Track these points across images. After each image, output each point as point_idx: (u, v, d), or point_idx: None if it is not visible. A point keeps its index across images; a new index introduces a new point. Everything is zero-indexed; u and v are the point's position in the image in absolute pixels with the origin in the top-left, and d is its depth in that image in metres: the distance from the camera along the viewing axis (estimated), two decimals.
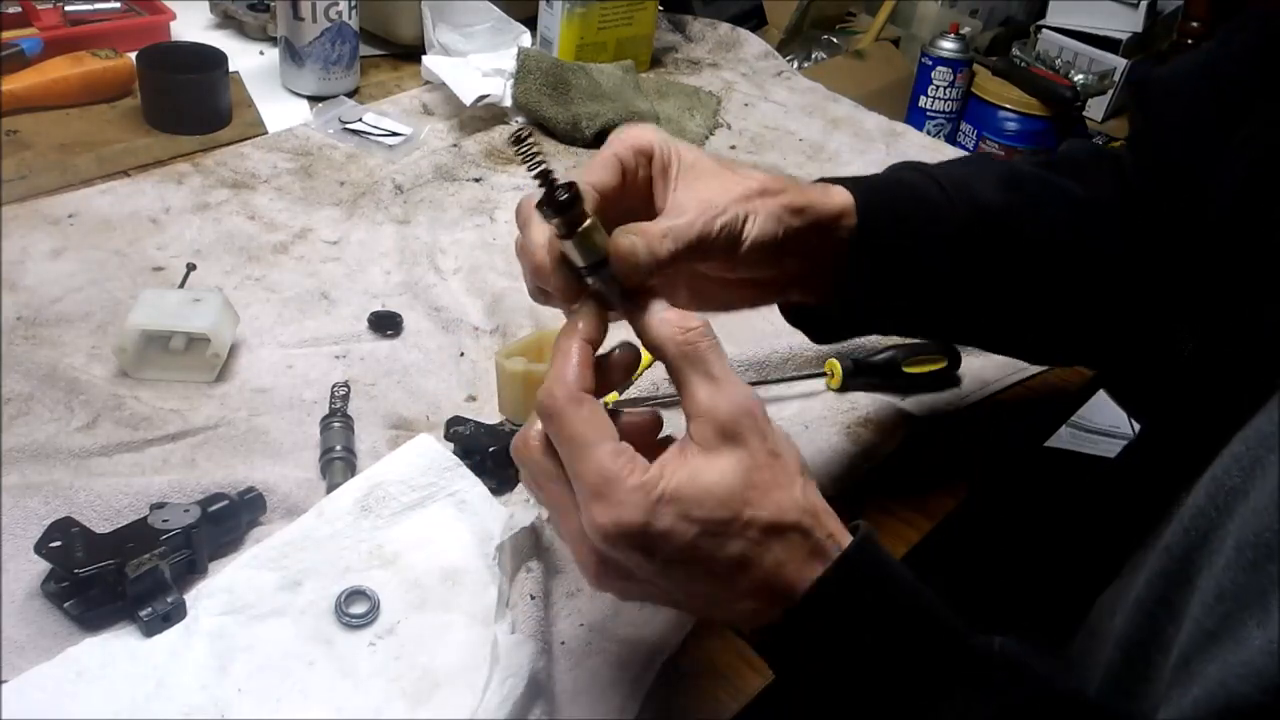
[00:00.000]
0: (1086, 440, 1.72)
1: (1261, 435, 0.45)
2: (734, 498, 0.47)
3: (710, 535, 0.47)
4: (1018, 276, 0.67)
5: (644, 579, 0.48)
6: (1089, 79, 2.44)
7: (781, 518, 0.48)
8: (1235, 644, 0.40)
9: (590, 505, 0.46)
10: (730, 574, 0.47)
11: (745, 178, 0.57)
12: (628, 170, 0.55)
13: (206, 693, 0.56)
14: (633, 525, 0.45)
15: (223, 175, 1.00)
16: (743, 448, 0.47)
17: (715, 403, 0.48)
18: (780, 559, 0.48)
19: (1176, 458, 0.57)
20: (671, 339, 0.49)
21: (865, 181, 0.64)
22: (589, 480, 0.46)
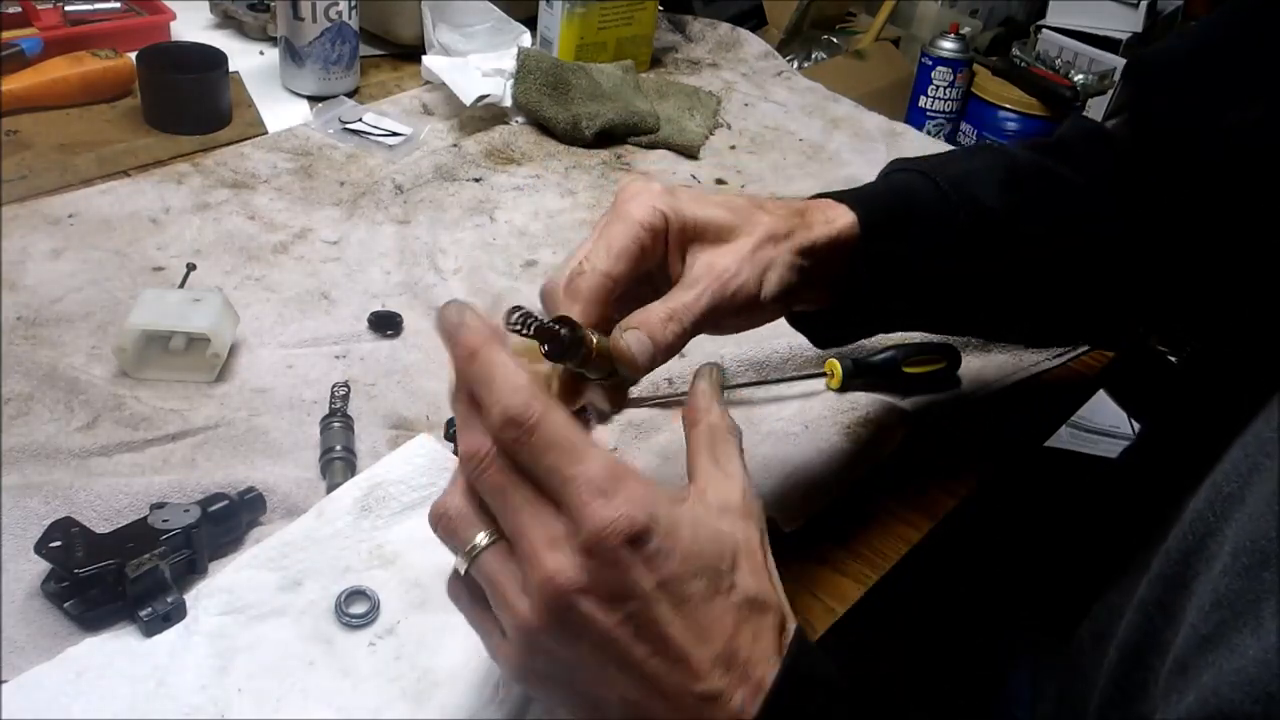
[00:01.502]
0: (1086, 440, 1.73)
1: (1260, 440, 0.45)
2: (729, 556, 0.46)
3: (700, 575, 0.44)
4: (1017, 272, 0.68)
5: (618, 608, 0.43)
6: (1089, 79, 2.45)
7: (764, 595, 0.46)
8: (1229, 651, 0.40)
9: (595, 503, 0.42)
10: (707, 629, 0.45)
11: (752, 224, 0.56)
12: (644, 253, 0.54)
13: (206, 693, 0.56)
14: (641, 523, 0.42)
15: (223, 175, 1.00)
16: (745, 524, 0.47)
17: (734, 482, 0.49)
18: (754, 634, 0.46)
19: (1178, 460, 0.57)
20: (717, 415, 0.51)
21: (866, 195, 0.63)
22: (596, 476, 0.43)
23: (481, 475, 0.45)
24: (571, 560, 0.43)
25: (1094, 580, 0.70)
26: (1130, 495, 0.72)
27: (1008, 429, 0.85)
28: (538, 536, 0.43)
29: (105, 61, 1.07)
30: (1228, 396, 0.55)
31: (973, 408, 0.86)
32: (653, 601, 0.43)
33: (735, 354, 0.83)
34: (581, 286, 0.52)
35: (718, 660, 0.45)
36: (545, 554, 0.43)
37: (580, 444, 0.44)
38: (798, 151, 1.20)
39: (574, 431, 0.44)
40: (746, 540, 0.47)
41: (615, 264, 0.52)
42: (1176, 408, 0.71)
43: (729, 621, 0.45)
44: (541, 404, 0.44)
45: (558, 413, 0.44)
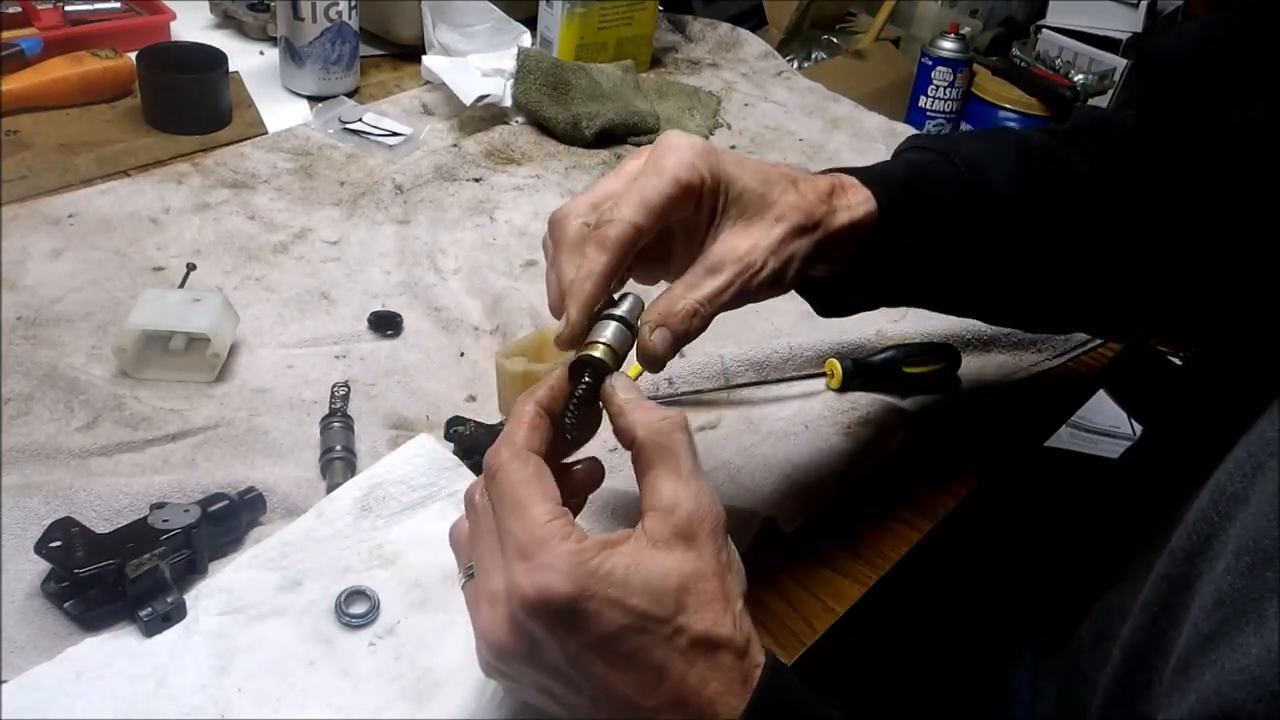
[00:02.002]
0: (1086, 440, 1.73)
1: (1264, 440, 0.45)
2: (671, 599, 0.44)
3: (638, 631, 0.44)
4: (1023, 255, 0.68)
5: (549, 667, 0.45)
6: (1089, 79, 2.44)
7: (715, 632, 0.45)
8: (1232, 650, 0.40)
9: (514, 565, 0.44)
10: (651, 680, 0.44)
11: (782, 204, 0.56)
12: (676, 209, 0.53)
13: (206, 693, 0.56)
14: (559, 595, 0.42)
15: (223, 175, 1.00)
16: (694, 551, 0.45)
17: (677, 500, 0.46)
18: (705, 676, 0.45)
19: (1181, 461, 0.57)
20: (646, 424, 0.47)
21: (885, 176, 0.62)
22: (518, 538, 0.44)
23: (467, 518, 0.49)
24: (501, 621, 0.45)
25: (1094, 580, 0.70)
26: (1132, 496, 0.72)
27: (1008, 429, 0.85)
28: (483, 591, 0.47)
29: (105, 61, 1.07)
30: (1230, 397, 0.55)
31: (973, 408, 0.86)
32: (583, 661, 0.44)
33: (735, 354, 0.83)
34: (610, 235, 0.51)
35: (665, 703, 0.45)
36: (484, 610, 0.46)
37: (523, 498, 0.45)
38: (798, 151, 1.20)
39: (523, 485, 0.46)
40: (695, 570, 0.45)
41: (646, 218, 0.52)
42: (1179, 408, 0.71)
43: (676, 667, 0.44)
44: (508, 454, 0.47)
45: (518, 465, 0.46)
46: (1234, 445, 0.48)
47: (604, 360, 0.51)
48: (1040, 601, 0.82)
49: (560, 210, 0.55)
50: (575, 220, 0.53)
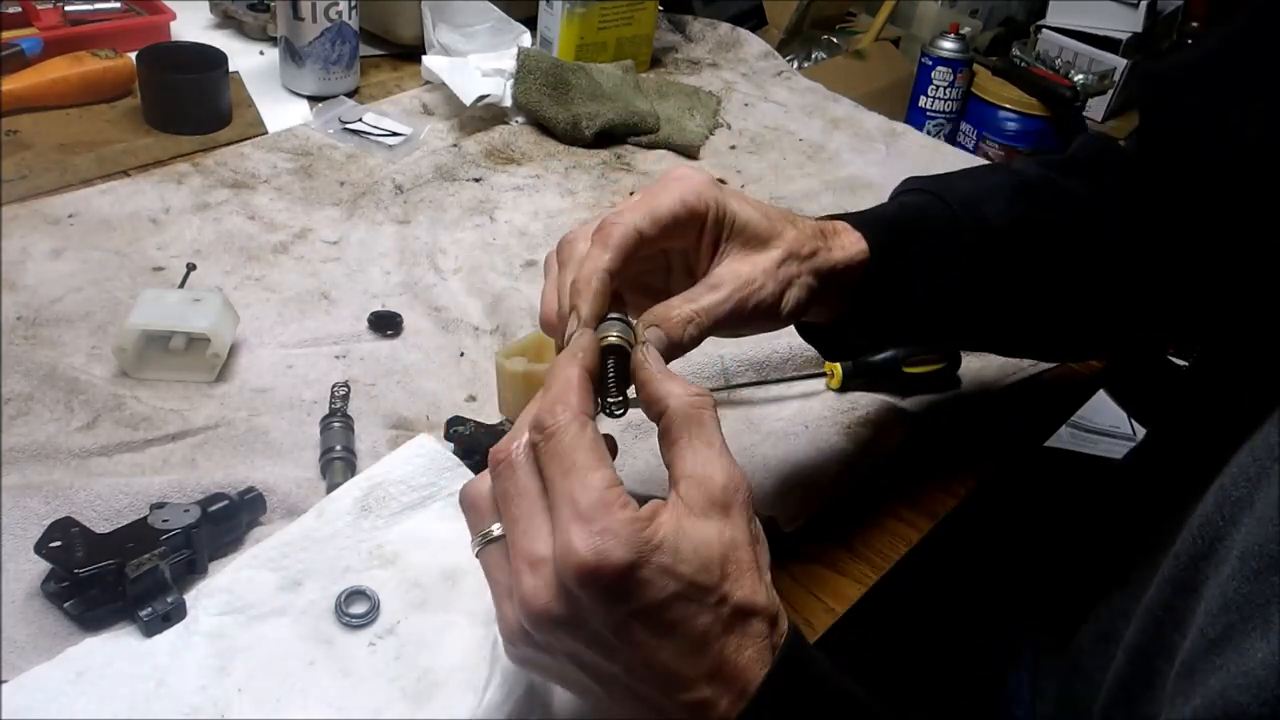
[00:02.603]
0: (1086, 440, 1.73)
1: (1268, 445, 0.45)
2: (716, 567, 0.44)
3: (687, 599, 0.44)
4: (1026, 289, 0.68)
5: (589, 634, 0.44)
6: (1089, 79, 2.45)
7: (754, 600, 0.45)
8: (1237, 654, 0.40)
9: (571, 528, 0.43)
10: (694, 649, 0.44)
11: (781, 236, 0.58)
12: (678, 227, 0.55)
13: (206, 693, 0.56)
14: (618, 562, 0.42)
15: (223, 175, 1.00)
16: (729, 521, 0.46)
17: (711, 470, 0.46)
18: (740, 644, 0.45)
19: (1185, 464, 0.57)
20: (679, 396, 0.48)
21: (877, 219, 0.64)
22: (582, 503, 0.43)
23: (497, 478, 0.47)
24: (545, 585, 0.44)
25: (1095, 581, 0.70)
26: (1135, 498, 0.72)
27: (1008, 429, 0.85)
28: (523, 553, 0.45)
29: (105, 61, 1.07)
30: (1234, 401, 0.55)
31: (973, 408, 0.86)
32: (629, 629, 0.44)
33: (735, 354, 0.83)
34: (612, 233, 0.53)
35: (704, 674, 0.45)
36: (525, 575, 0.44)
37: (583, 462, 0.44)
38: (798, 151, 1.20)
39: (584, 449, 0.45)
40: (732, 539, 0.46)
41: (651, 225, 0.54)
42: (1183, 412, 0.71)
43: (716, 635, 0.45)
44: (568, 416, 0.45)
45: (577, 428, 0.45)
46: (1238, 449, 0.48)
47: (623, 344, 0.51)
48: (1040, 602, 0.82)
49: (570, 233, 0.56)
50: (583, 243, 0.54)
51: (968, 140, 2.50)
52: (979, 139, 2.49)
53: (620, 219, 0.53)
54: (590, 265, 0.52)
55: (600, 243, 0.53)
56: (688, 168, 0.56)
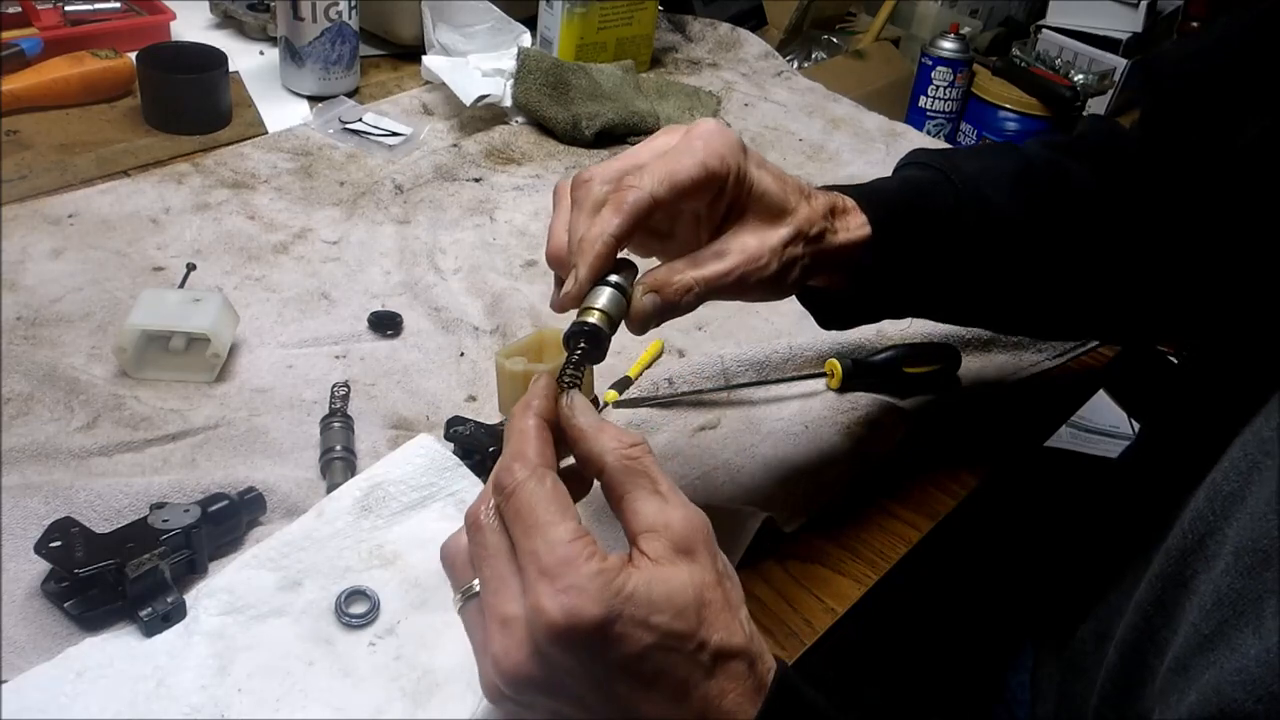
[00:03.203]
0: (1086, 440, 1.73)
1: (1260, 440, 0.45)
2: (692, 613, 0.44)
3: (664, 649, 0.43)
4: (1026, 268, 0.68)
5: (569, 693, 0.44)
6: (1089, 79, 2.45)
7: (730, 642, 0.45)
8: (1231, 650, 0.40)
9: (538, 587, 0.42)
10: (677, 698, 0.44)
11: (794, 213, 0.58)
12: (695, 193, 0.55)
13: (206, 693, 0.56)
14: (588, 618, 0.41)
15: (223, 175, 1.00)
16: (697, 564, 0.45)
17: (668, 517, 0.45)
18: (723, 688, 0.45)
19: (1178, 460, 0.57)
20: (614, 452, 0.47)
21: (880, 196, 0.64)
22: (544, 560, 0.42)
23: (470, 540, 0.47)
24: (517, 645, 0.43)
25: (1094, 580, 0.70)
26: (1131, 495, 0.72)
27: (1008, 429, 0.85)
28: (495, 614, 0.44)
29: (105, 61, 1.07)
30: (1227, 396, 0.55)
31: (973, 408, 0.86)
32: (610, 683, 0.43)
33: (735, 354, 0.83)
34: (628, 200, 0.52)
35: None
36: (497, 635, 0.44)
37: (544, 518, 0.43)
38: (798, 151, 1.20)
39: (542, 504, 0.44)
40: (702, 581, 0.45)
41: (668, 192, 0.53)
42: (1176, 407, 0.71)
43: (697, 682, 0.44)
44: (525, 472, 0.45)
45: (534, 483, 0.45)
46: (1230, 443, 0.48)
47: (600, 326, 0.52)
48: (1040, 601, 0.82)
49: (585, 171, 0.55)
50: (599, 185, 0.54)
51: (968, 140, 2.50)
52: (979, 139, 2.49)
53: (640, 184, 0.52)
54: (598, 229, 0.52)
55: (614, 207, 0.52)
56: (717, 123, 0.55)
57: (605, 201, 0.53)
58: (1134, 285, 0.70)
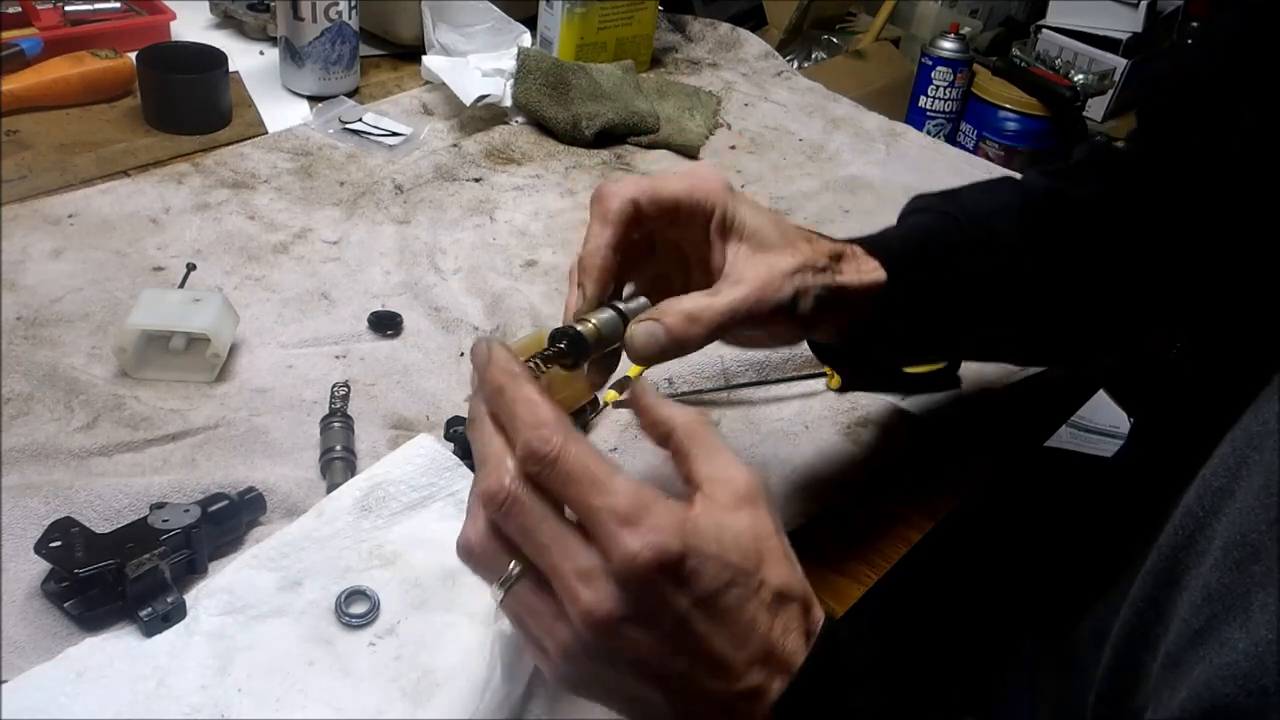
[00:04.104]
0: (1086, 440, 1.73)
1: (1249, 434, 0.45)
2: (754, 554, 0.46)
3: (734, 585, 0.45)
4: (1039, 303, 0.69)
5: (654, 635, 0.45)
6: (1089, 79, 2.45)
7: (789, 585, 0.47)
8: (1220, 645, 0.40)
9: (619, 534, 0.43)
10: (744, 635, 0.46)
11: (794, 248, 0.58)
12: (680, 213, 0.57)
13: (206, 693, 0.56)
14: (673, 553, 0.43)
15: (223, 175, 1.00)
16: (757, 512, 0.47)
17: (731, 471, 0.48)
18: (786, 628, 0.47)
19: (1171, 457, 0.57)
20: (684, 414, 0.50)
21: (891, 244, 0.64)
22: (620, 507, 0.43)
23: (505, 517, 0.46)
24: (606, 591, 0.44)
25: (1093, 580, 0.70)
26: (1125, 493, 0.72)
27: (1008, 429, 0.85)
28: (569, 571, 0.44)
29: (105, 61, 1.07)
30: (1219, 391, 0.55)
31: (973, 408, 0.86)
32: (689, 620, 0.45)
33: (735, 354, 0.83)
34: (610, 206, 0.55)
35: (755, 659, 0.46)
36: (580, 588, 0.44)
37: (602, 474, 0.44)
38: (798, 151, 1.20)
39: (595, 461, 0.45)
40: (763, 529, 0.47)
41: (649, 201, 0.55)
42: (1168, 404, 0.71)
43: (763, 621, 0.46)
44: (562, 437, 0.45)
45: (578, 444, 0.45)
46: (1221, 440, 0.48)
47: (583, 334, 0.52)
48: (1040, 601, 0.82)
49: (607, 186, 0.57)
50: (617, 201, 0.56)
51: (968, 140, 2.50)
52: (979, 139, 2.49)
53: (619, 190, 0.55)
54: (593, 243, 0.54)
55: (600, 217, 0.55)
56: (706, 168, 0.58)
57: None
58: (1143, 299, 0.71)
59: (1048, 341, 0.74)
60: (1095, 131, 2.49)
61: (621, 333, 0.54)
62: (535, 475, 0.45)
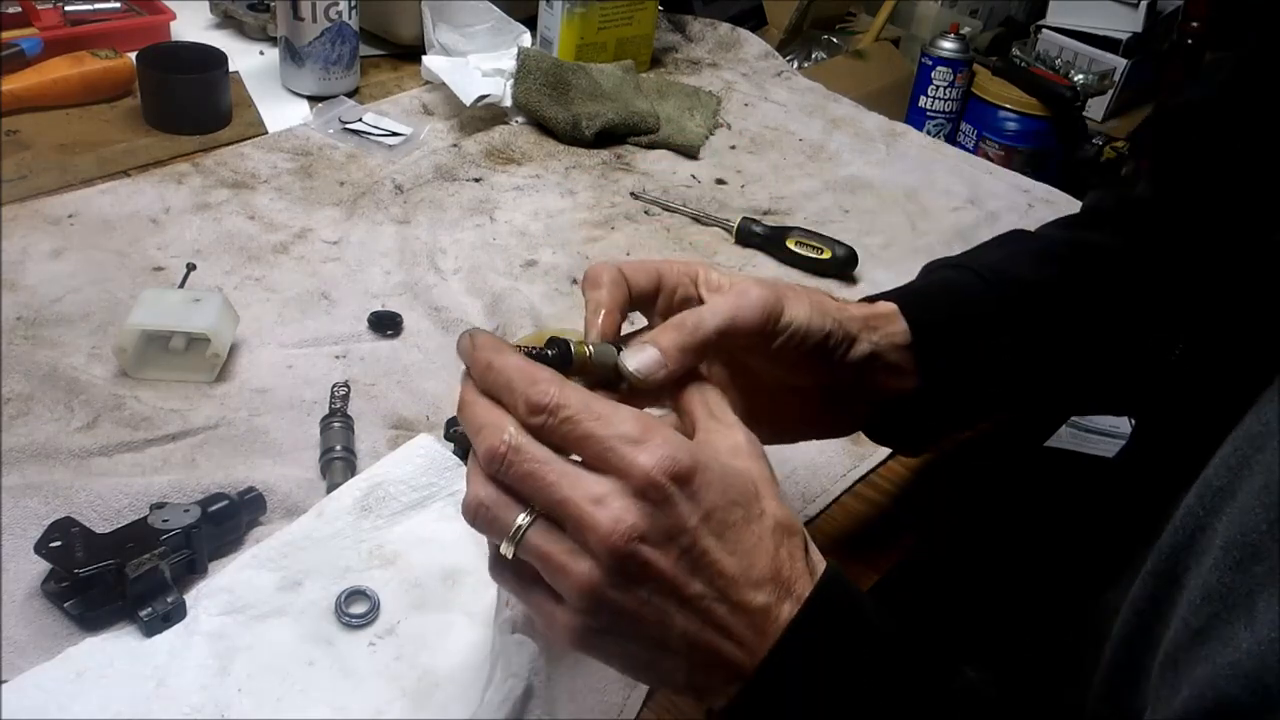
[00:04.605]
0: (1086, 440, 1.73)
1: (1250, 435, 0.45)
2: (752, 484, 0.48)
3: (737, 504, 0.47)
4: (1068, 337, 0.69)
5: (675, 551, 0.45)
6: (1089, 79, 2.45)
7: (790, 521, 0.48)
8: (1223, 645, 0.40)
9: (636, 454, 0.44)
10: (752, 554, 0.47)
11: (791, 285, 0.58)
12: (665, 281, 0.57)
13: (206, 693, 0.56)
14: (688, 463, 0.44)
15: (223, 175, 1.00)
16: (756, 462, 0.49)
17: (732, 427, 0.50)
18: (792, 554, 0.48)
19: (1172, 458, 0.57)
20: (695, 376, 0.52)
21: (911, 297, 0.64)
22: (633, 431, 0.45)
23: (507, 469, 0.46)
24: (624, 508, 0.44)
25: (1093, 579, 0.70)
26: (1126, 494, 0.72)
27: (1008, 429, 0.85)
28: (581, 498, 0.45)
29: (105, 61, 1.07)
30: (1220, 393, 0.56)
31: None
32: (701, 534, 0.46)
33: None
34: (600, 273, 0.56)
35: (764, 580, 0.47)
36: (595, 512, 0.44)
37: (605, 408, 0.46)
38: (798, 151, 1.20)
39: (595, 400, 0.46)
40: (761, 474, 0.48)
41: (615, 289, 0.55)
42: (1169, 405, 0.71)
43: (768, 543, 0.47)
44: (557, 385, 0.46)
45: (574, 389, 0.47)
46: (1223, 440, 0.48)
47: (570, 349, 0.51)
48: (1040, 601, 0.82)
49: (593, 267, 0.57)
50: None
51: (968, 140, 2.50)
52: (979, 139, 2.49)
53: (603, 265, 0.56)
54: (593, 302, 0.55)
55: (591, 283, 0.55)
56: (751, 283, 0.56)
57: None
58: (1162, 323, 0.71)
59: (1075, 381, 0.73)
60: (1095, 131, 2.49)
61: (610, 365, 0.52)
62: (539, 426, 0.46)
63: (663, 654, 0.48)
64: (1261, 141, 0.63)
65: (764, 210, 1.09)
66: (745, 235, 1.02)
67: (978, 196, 1.16)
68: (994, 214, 1.14)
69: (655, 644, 0.47)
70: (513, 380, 0.47)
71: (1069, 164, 2.43)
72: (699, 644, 0.47)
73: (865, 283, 0.99)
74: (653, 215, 1.05)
